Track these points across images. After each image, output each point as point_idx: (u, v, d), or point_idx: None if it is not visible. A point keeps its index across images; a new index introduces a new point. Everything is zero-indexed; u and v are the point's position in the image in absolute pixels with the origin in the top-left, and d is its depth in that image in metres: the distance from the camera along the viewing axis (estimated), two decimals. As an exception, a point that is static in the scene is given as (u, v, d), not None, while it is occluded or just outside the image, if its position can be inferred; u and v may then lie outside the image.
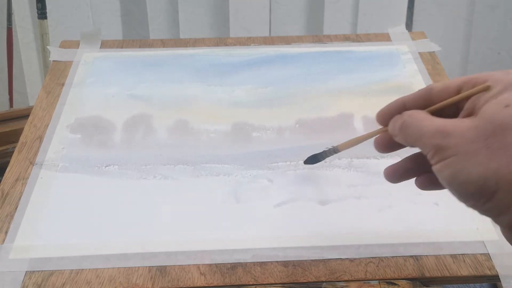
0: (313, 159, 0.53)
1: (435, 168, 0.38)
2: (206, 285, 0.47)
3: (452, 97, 0.40)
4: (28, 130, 0.63)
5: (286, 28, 1.51)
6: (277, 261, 0.49)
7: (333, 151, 0.49)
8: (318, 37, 0.79)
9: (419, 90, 0.41)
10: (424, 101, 0.41)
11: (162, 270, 0.48)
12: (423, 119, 0.39)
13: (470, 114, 0.38)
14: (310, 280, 0.48)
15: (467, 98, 0.39)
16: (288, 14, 1.50)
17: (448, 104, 0.40)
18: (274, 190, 0.56)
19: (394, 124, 0.41)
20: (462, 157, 0.36)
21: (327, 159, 0.53)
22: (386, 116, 0.43)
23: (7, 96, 1.40)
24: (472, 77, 0.39)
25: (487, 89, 0.38)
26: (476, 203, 0.37)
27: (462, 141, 0.36)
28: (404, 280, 0.48)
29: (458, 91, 0.40)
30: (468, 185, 0.36)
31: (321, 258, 0.49)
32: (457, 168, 0.36)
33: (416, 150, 0.41)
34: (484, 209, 0.36)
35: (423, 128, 0.38)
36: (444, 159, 0.37)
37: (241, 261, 0.49)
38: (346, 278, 0.48)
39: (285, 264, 0.49)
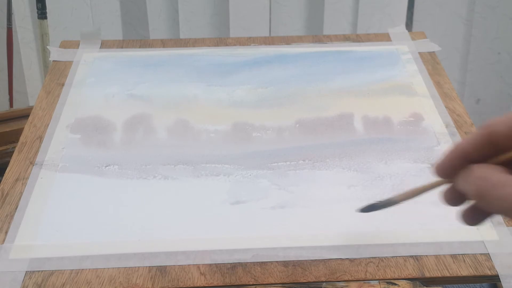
0: (370, 208, 0.46)
1: None
2: (206, 285, 0.47)
3: None
4: (28, 130, 0.63)
5: (286, 28, 1.51)
6: (277, 261, 0.49)
7: (392, 202, 0.44)
8: (318, 37, 0.79)
9: (479, 134, 0.35)
10: (487, 146, 0.34)
11: (162, 270, 0.48)
12: (501, 185, 0.32)
13: None
14: (310, 280, 0.48)
15: None
16: (288, 14, 1.50)
17: None
18: (274, 190, 0.56)
19: (466, 185, 0.35)
20: None
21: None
22: (447, 170, 0.36)
23: (7, 96, 1.40)
24: None
25: None
26: None
27: None
28: (404, 280, 0.48)
29: None
30: None
31: (321, 258, 0.49)
32: None
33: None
34: None
35: (506, 200, 0.32)
36: None
37: (241, 261, 0.49)
38: (346, 278, 0.48)
39: (285, 264, 0.49)
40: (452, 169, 0.36)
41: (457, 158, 0.36)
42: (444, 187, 0.38)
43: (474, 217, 0.37)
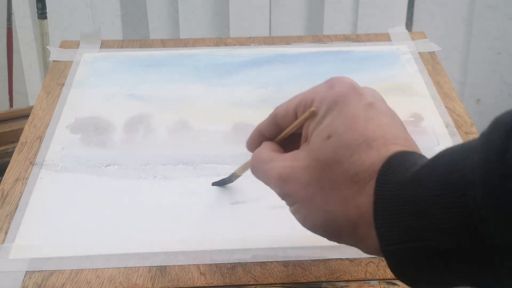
0: (220, 183, 0.55)
1: (290, 211, 0.39)
2: (206, 285, 0.47)
3: (287, 128, 0.40)
4: (28, 130, 0.63)
5: (286, 28, 1.51)
6: (277, 261, 0.49)
7: (234, 176, 0.53)
8: (318, 37, 0.79)
9: (269, 116, 0.42)
10: (275, 127, 0.41)
11: (162, 270, 0.48)
12: (265, 161, 0.39)
13: (306, 140, 0.38)
14: (310, 280, 0.48)
15: (301, 126, 0.39)
16: (288, 14, 1.50)
17: (287, 135, 0.40)
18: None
19: None
20: (303, 204, 0.36)
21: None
22: (252, 146, 0.44)
23: (7, 96, 1.40)
24: (303, 97, 0.39)
25: (313, 115, 0.37)
26: (334, 241, 0.37)
27: (299, 187, 0.36)
28: (404, 280, 0.48)
29: (296, 115, 0.39)
30: (316, 229, 0.37)
31: (321, 258, 0.49)
32: (303, 214, 0.37)
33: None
34: (344, 244, 0.37)
35: (266, 174, 0.39)
36: (291, 205, 0.38)
37: (241, 261, 0.49)
38: (346, 278, 0.48)
39: (285, 264, 0.49)
40: (255, 145, 0.43)
41: (256, 137, 0.43)
42: None
43: None
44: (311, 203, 0.36)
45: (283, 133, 0.41)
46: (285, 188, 0.37)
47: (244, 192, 0.55)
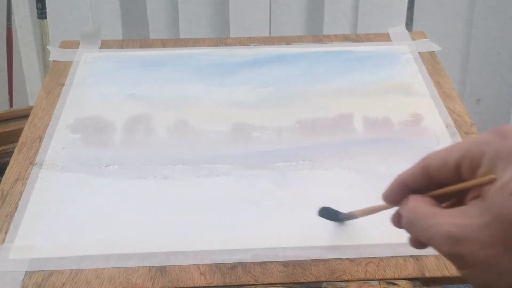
0: (331, 215, 0.52)
1: (460, 274, 0.34)
2: (206, 285, 0.47)
3: (455, 186, 0.36)
4: (28, 130, 0.63)
5: (286, 28, 1.51)
6: (277, 261, 0.49)
7: (352, 216, 0.49)
8: (318, 37, 0.79)
9: (417, 166, 0.37)
10: (425, 179, 0.37)
11: (162, 270, 0.48)
12: (425, 217, 0.35)
13: (477, 196, 0.34)
14: (310, 280, 0.48)
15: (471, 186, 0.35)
16: (288, 14, 1.50)
17: (450, 192, 0.36)
18: (274, 190, 0.56)
19: (402, 214, 0.38)
20: (483, 268, 0.32)
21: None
22: (391, 198, 0.39)
23: (7, 96, 1.40)
24: (468, 149, 0.35)
25: (492, 181, 0.33)
26: None
27: (477, 248, 0.32)
28: (404, 280, 0.48)
29: (457, 168, 0.35)
30: None
31: (321, 258, 0.49)
32: (484, 278, 0.33)
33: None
34: None
35: (429, 231, 0.35)
36: (465, 268, 0.34)
37: (241, 261, 0.49)
38: (346, 278, 0.48)
39: (285, 264, 0.49)
40: (395, 198, 0.38)
41: (398, 188, 0.38)
42: (394, 209, 0.40)
43: (419, 242, 0.38)
44: (495, 267, 0.32)
45: (444, 189, 0.37)
46: (458, 249, 0.33)
47: (244, 192, 0.55)
